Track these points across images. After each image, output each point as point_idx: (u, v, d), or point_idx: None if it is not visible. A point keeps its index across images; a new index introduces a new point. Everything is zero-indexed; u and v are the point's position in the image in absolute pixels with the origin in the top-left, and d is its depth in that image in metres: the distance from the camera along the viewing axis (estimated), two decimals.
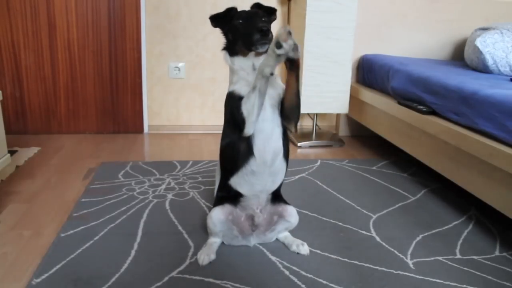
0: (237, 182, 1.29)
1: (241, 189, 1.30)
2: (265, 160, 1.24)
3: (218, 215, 1.31)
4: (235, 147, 1.25)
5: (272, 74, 1.14)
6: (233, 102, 1.25)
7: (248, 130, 1.20)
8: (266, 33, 1.17)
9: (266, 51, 1.18)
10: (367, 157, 2.44)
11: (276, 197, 1.38)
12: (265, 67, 1.12)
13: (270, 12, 1.33)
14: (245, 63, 1.27)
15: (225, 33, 1.31)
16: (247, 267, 1.27)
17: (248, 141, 1.23)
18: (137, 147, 2.49)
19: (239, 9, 1.29)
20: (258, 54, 1.24)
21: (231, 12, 1.28)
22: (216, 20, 1.30)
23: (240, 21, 1.24)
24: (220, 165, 1.37)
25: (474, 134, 1.56)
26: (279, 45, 1.06)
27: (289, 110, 1.25)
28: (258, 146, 1.23)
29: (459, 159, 1.64)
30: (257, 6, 1.34)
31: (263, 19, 1.25)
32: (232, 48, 1.28)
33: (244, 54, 1.26)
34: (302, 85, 2.44)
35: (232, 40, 1.28)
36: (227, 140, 1.29)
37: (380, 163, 2.30)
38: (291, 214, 1.38)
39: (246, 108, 1.18)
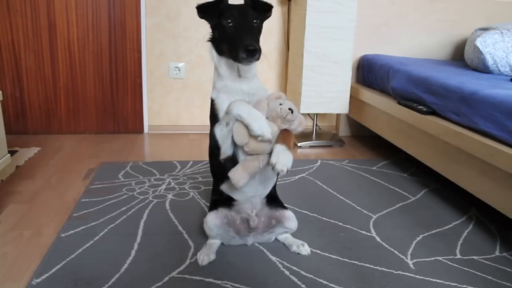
0: (228, 188, 1.28)
1: (232, 195, 1.28)
2: None
3: (213, 220, 1.30)
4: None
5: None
6: (212, 118, 1.22)
7: (224, 154, 1.18)
8: (252, 53, 1.10)
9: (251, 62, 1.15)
10: (367, 157, 2.44)
11: (272, 199, 1.35)
12: (237, 112, 1.10)
13: (265, 9, 1.23)
14: (231, 68, 1.21)
15: (212, 28, 1.23)
16: (247, 267, 1.27)
17: (234, 153, 1.20)
18: (137, 147, 2.49)
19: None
20: None
21: (220, 5, 1.18)
22: (204, 12, 1.19)
23: (229, 21, 1.15)
24: (211, 169, 1.36)
25: (474, 134, 1.56)
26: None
27: None
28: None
29: (459, 159, 1.64)
30: (251, 0, 1.22)
31: (254, 21, 1.17)
32: (218, 46, 1.21)
33: (229, 57, 1.19)
34: (302, 85, 2.45)
35: (218, 39, 1.21)
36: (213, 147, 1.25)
37: (380, 163, 2.30)
38: (290, 219, 1.35)
39: (220, 137, 1.17)
